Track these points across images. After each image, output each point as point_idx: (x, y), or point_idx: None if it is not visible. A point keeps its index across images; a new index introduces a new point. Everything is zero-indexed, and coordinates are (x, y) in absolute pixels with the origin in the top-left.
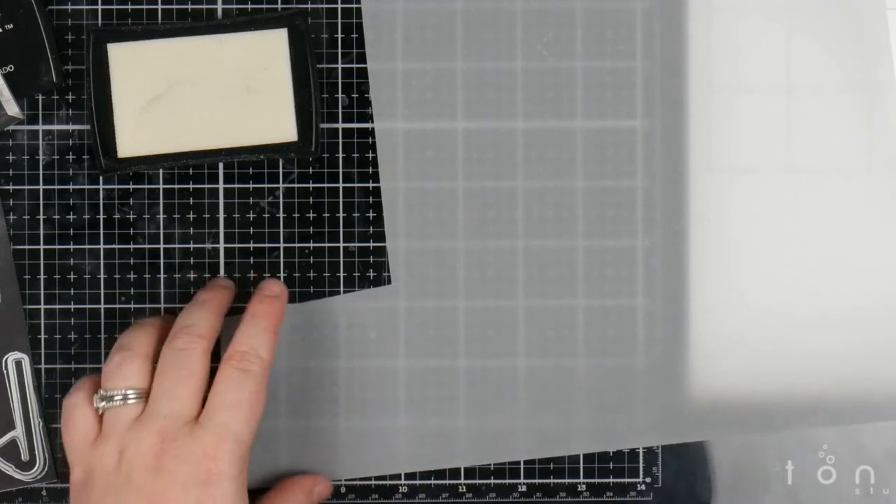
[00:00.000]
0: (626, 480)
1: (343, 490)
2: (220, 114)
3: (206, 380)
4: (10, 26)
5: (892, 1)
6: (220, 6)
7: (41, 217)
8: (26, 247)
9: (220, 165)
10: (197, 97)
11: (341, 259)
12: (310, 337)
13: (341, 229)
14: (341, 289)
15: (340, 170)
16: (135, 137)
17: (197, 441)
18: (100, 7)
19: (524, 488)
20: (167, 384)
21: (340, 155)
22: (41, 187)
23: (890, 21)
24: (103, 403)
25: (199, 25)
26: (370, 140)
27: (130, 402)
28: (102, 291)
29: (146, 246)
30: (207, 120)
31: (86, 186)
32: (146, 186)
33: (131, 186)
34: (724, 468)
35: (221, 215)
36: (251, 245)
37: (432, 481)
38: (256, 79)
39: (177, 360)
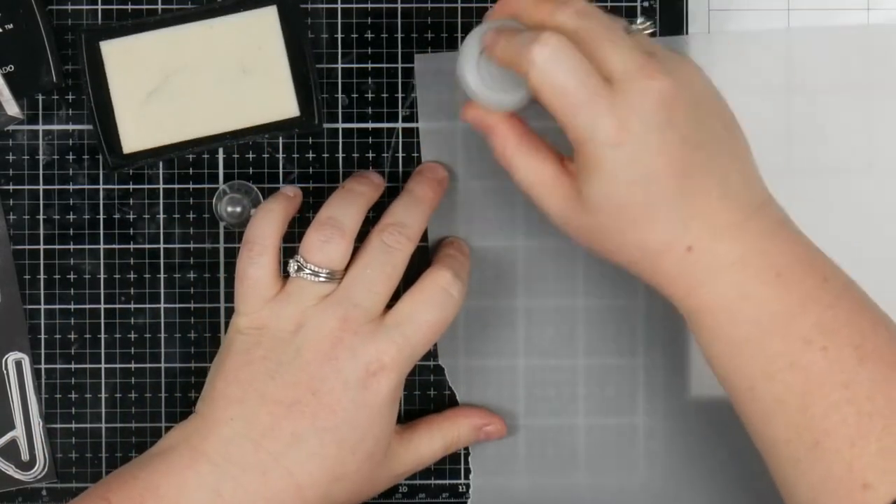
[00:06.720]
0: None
1: None
2: (219, 98)
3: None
4: (10, 26)
5: (892, 1)
6: None
7: (41, 217)
8: (26, 247)
9: (221, 165)
10: (195, 84)
11: None
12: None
13: None
14: None
15: (340, 170)
16: (138, 132)
17: (375, 343)
18: (100, 7)
19: None
20: (369, 274)
21: (340, 155)
22: (41, 187)
23: (889, 19)
24: (295, 271)
25: (189, 13)
26: (370, 140)
27: (321, 280)
28: (102, 291)
29: (146, 246)
30: (208, 106)
31: (86, 186)
32: (146, 186)
33: (131, 186)
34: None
35: None
36: None
37: (432, 481)
38: (252, 59)
39: (385, 256)
